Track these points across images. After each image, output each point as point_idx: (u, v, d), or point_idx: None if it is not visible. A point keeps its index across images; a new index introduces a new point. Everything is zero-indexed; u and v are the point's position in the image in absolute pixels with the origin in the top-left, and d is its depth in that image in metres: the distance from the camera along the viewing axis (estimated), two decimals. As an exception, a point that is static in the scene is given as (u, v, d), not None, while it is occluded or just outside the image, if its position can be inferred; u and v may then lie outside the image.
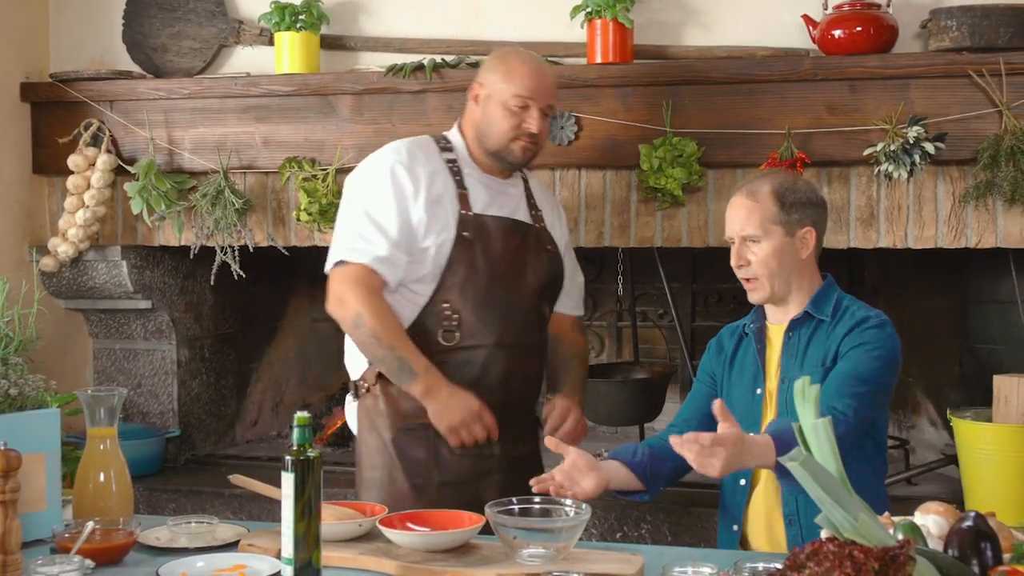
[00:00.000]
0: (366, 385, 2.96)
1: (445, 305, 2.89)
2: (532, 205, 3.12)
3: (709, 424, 2.75)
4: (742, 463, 2.36)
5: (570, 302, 3.28)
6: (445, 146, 3.04)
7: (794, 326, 2.68)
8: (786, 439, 2.27)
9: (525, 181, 3.17)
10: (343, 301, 2.87)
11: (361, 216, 2.91)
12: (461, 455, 2.88)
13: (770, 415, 2.67)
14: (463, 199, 2.95)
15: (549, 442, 2.65)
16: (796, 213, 2.66)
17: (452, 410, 2.82)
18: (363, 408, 2.98)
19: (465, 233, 2.90)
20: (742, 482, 2.69)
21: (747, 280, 2.70)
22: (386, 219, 2.88)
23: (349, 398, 3.06)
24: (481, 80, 3.04)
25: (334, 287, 2.91)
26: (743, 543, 2.71)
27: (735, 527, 2.69)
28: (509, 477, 2.92)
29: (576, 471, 2.57)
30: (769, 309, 2.76)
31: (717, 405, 2.41)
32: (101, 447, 2.53)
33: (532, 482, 2.54)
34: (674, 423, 2.87)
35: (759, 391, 2.70)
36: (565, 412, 3.03)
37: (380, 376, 2.91)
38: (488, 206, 2.99)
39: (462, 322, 2.89)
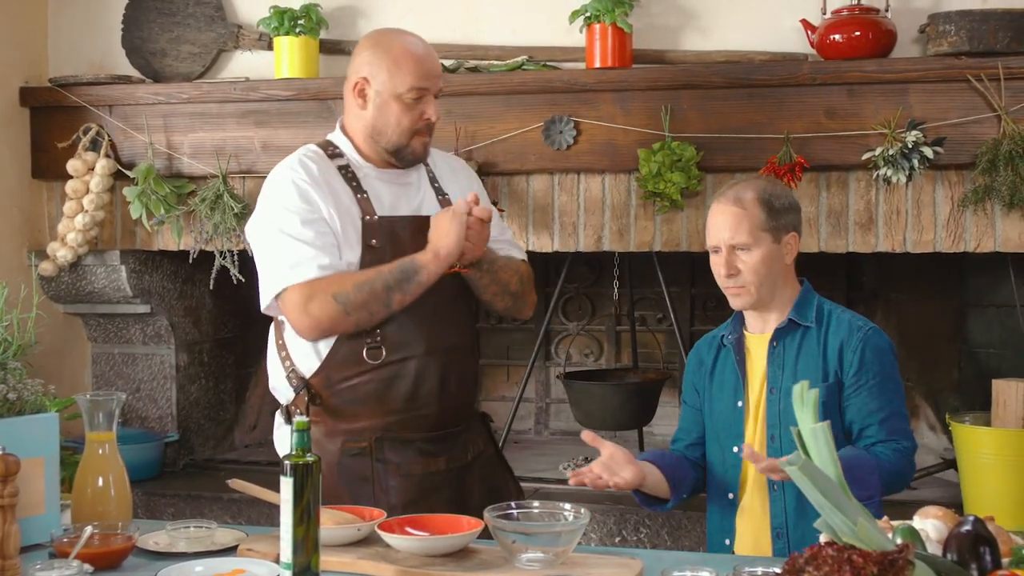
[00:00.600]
0: (298, 411, 2.73)
1: None
2: (438, 190, 2.87)
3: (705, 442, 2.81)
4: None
5: (505, 251, 3.02)
6: (333, 152, 2.79)
7: (779, 335, 2.65)
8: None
9: (428, 167, 2.90)
10: (311, 311, 2.63)
11: (281, 239, 2.67)
12: (406, 476, 2.69)
13: (752, 427, 2.65)
14: (365, 204, 2.72)
15: (585, 435, 2.59)
16: (782, 219, 2.64)
17: (442, 235, 2.65)
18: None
19: (373, 241, 2.69)
20: (730, 496, 2.69)
21: (733, 287, 2.67)
22: (308, 235, 2.65)
23: (278, 423, 2.86)
24: (366, 75, 2.74)
25: (294, 317, 2.67)
26: None
27: (727, 541, 2.68)
28: (461, 487, 2.79)
29: (614, 463, 2.56)
30: (748, 318, 2.73)
31: (747, 452, 2.46)
32: (100, 451, 2.53)
33: (570, 476, 2.54)
34: (674, 439, 2.86)
35: (740, 404, 2.68)
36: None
37: (314, 403, 2.71)
38: (393, 207, 2.76)
39: (385, 336, 2.69)
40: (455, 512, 2.43)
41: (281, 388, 2.80)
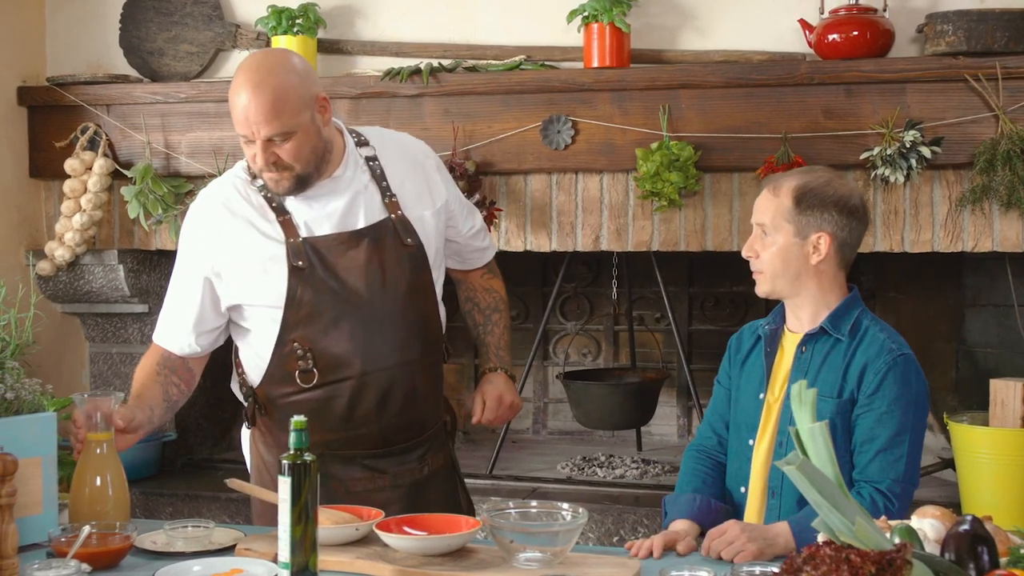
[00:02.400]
0: (249, 418, 2.78)
1: (295, 344, 2.61)
2: (384, 190, 2.70)
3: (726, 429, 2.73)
4: (759, 539, 2.32)
5: (473, 257, 2.97)
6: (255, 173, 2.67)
7: (808, 340, 2.56)
8: (805, 527, 2.25)
9: (371, 160, 2.72)
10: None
11: (167, 303, 2.80)
12: (351, 492, 2.64)
13: (769, 424, 2.61)
14: (287, 226, 2.61)
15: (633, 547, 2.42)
16: (811, 216, 2.51)
17: None
18: (252, 439, 2.81)
19: (299, 263, 2.59)
20: (742, 489, 2.65)
21: (753, 270, 2.62)
22: (183, 302, 2.74)
23: (245, 426, 2.86)
24: None
25: None
26: None
27: None
28: (411, 503, 2.69)
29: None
30: (790, 313, 2.63)
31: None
32: (98, 451, 2.52)
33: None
34: (699, 432, 2.80)
35: (761, 396, 2.61)
36: (492, 400, 2.84)
37: (261, 413, 2.73)
38: (318, 224, 2.64)
39: (318, 358, 2.61)
40: None
41: (238, 394, 2.85)
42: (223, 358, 4.76)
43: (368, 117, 3.92)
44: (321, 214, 2.64)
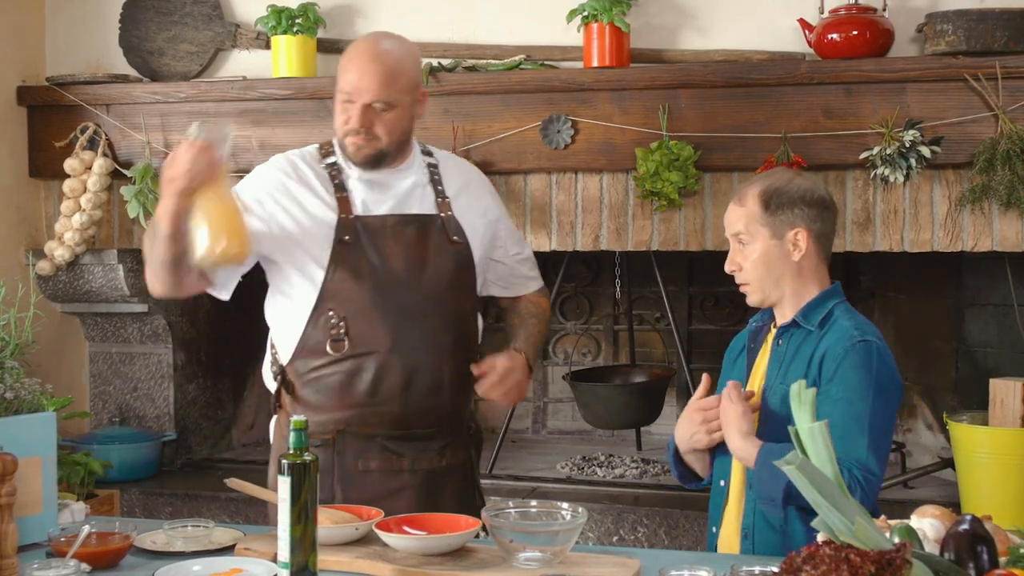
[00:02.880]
0: (276, 402, 2.83)
1: (330, 313, 2.70)
2: (439, 192, 2.85)
3: None
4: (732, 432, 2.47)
5: (519, 283, 3.03)
6: (327, 151, 2.84)
7: (782, 333, 2.59)
8: (772, 449, 2.33)
9: (433, 167, 2.88)
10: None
11: None
12: (366, 471, 2.71)
13: None
14: (343, 203, 2.75)
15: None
16: (783, 214, 2.54)
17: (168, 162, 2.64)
18: (278, 424, 2.86)
19: (345, 237, 2.71)
20: (721, 483, 2.67)
21: (739, 284, 2.65)
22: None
23: (275, 417, 2.91)
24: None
25: None
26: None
27: (714, 529, 2.67)
28: (425, 493, 2.75)
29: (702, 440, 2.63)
30: (776, 311, 2.64)
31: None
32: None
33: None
34: None
35: (743, 390, 2.64)
36: (502, 368, 2.81)
37: (287, 391, 2.77)
38: (374, 205, 2.77)
39: (349, 329, 2.70)
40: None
41: (268, 377, 2.87)
42: (221, 357, 4.78)
43: (368, 117, 3.92)
44: (379, 198, 2.78)
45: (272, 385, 2.84)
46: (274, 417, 2.89)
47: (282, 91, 3.99)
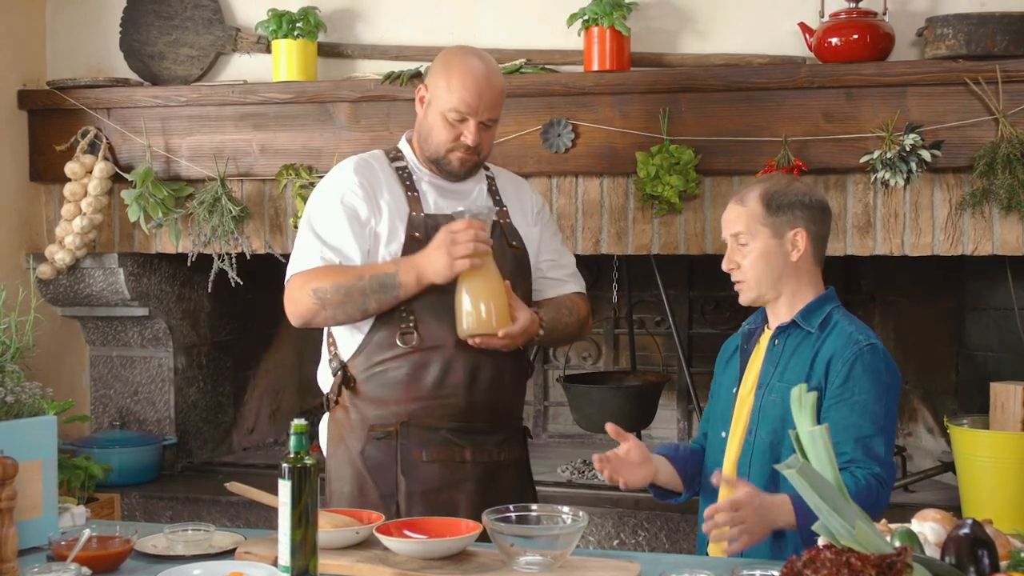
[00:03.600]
0: (335, 398, 2.90)
1: (401, 306, 2.80)
2: (497, 202, 3.01)
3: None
4: (770, 522, 2.37)
5: (551, 286, 3.10)
6: (395, 156, 2.98)
7: (780, 334, 2.64)
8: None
9: (491, 179, 3.06)
10: (295, 299, 2.83)
11: (305, 233, 2.88)
12: (429, 462, 2.80)
13: (741, 417, 2.66)
14: (414, 202, 2.88)
15: (609, 428, 2.65)
16: (784, 215, 2.61)
17: (431, 254, 2.74)
18: (333, 421, 2.92)
19: (416, 234, 2.83)
20: (714, 481, 2.69)
21: (735, 282, 2.69)
22: (337, 237, 2.84)
23: (326, 416, 2.99)
24: (427, 84, 2.94)
25: (286, 307, 2.89)
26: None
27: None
28: (484, 485, 2.84)
29: (628, 461, 2.64)
30: (770, 313, 2.71)
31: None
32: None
33: (595, 459, 2.63)
34: (702, 423, 2.91)
35: (734, 391, 2.70)
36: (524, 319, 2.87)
37: (348, 387, 2.87)
38: (442, 206, 2.91)
39: (418, 324, 2.81)
40: (479, 508, 2.42)
41: (324, 375, 2.96)
42: (222, 361, 4.78)
43: (368, 121, 3.92)
44: (448, 203, 2.90)
45: (329, 382, 2.92)
46: (326, 415, 2.96)
47: (283, 95, 4.00)
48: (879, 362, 2.54)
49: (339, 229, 2.84)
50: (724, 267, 2.69)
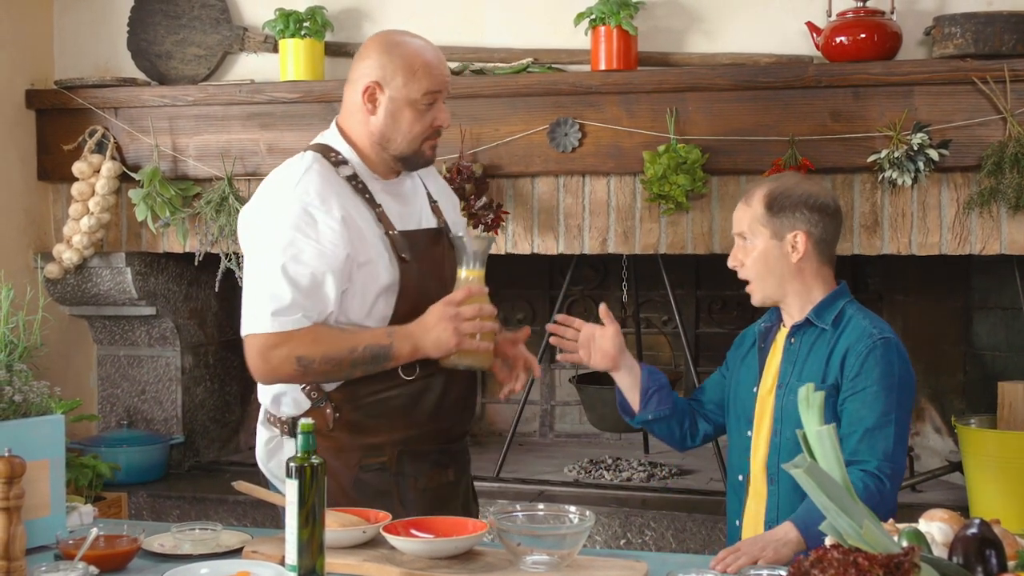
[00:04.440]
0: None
1: None
2: (429, 195, 2.81)
3: (714, 408, 2.87)
4: (774, 542, 2.39)
5: None
6: (337, 160, 2.65)
7: (795, 332, 2.67)
8: (810, 523, 2.29)
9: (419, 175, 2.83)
10: (274, 366, 2.52)
11: (276, 276, 2.51)
12: (424, 489, 2.65)
13: (764, 416, 2.66)
14: (383, 218, 2.62)
15: (602, 308, 2.70)
16: (784, 217, 2.62)
17: (432, 328, 2.53)
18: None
19: (404, 255, 2.59)
20: (740, 478, 2.71)
21: (743, 280, 2.71)
22: (316, 282, 2.52)
23: (266, 438, 2.72)
24: (378, 80, 2.62)
25: (252, 360, 2.55)
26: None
27: (737, 522, 2.72)
28: (464, 500, 2.78)
29: (602, 342, 2.74)
30: (784, 312, 2.72)
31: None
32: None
33: (556, 319, 2.71)
34: (695, 395, 2.95)
35: (754, 390, 2.71)
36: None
37: (335, 412, 2.61)
38: (404, 219, 2.67)
39: None
40: None
41: (288, 400, 2.65)
42: (229, 360, 4.79)
43: (375, 120, 3.92)
44: (406, 211, 2.70)
45: (296, 407, 2.65)
46: (293, 441, 2.62)
47: (290, 94, 4.00)
48: (891, 355, 2.56)
49: (318, 272, 2.51)
50: (729, 264, 2.73)
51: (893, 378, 2.54)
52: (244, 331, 2.56)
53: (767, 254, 2.64)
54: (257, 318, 2.53)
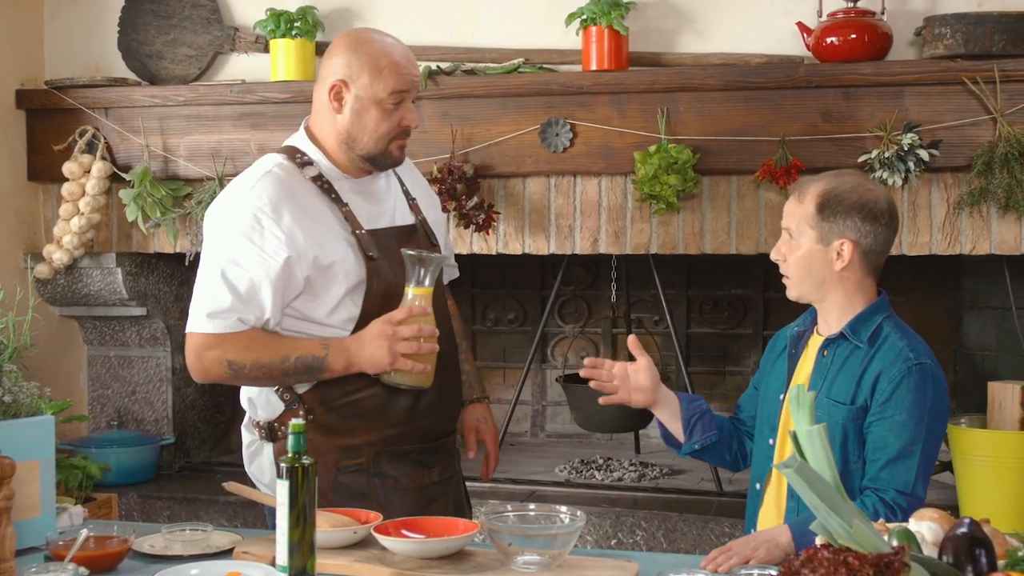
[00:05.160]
0: (282, 428, 2.61)
1: None
2: (406, 193, 2.78)
3: (749, 417, 2.79)
4: (765, 541, 2.38)
5: (452, 273, 3.01)
6: (303, 161, 2.64)
7: (829, 345, 2.57)
8: (803, 526, 2.27)
9: (396, 172, 2.81)
10: (205, 366, 2.55)
11: (215, 279, 2.53)
12: (404, 490, 2.63)
13: (785, 427, 2.61)
14: (349, 217, 2.60)
15: (631, 340, 2.66)
16: (834, 223, 2.51)
17: (367, 344, 2.51)
18: (282, 452, 2.52)
19: (371, 254, 2.57)
20: (757, 486, 2.67)
21: (783, 276, 2.62)
22: (253, 288, 2.52)
23: (250, 441, 2.72)
24: (344, 78, 2.59)
25: (188, 358, 2.58)
26: None
27: (752, 531, 2.68)
28: (452, 498, 2.76)
29: (637, 378, 2.66)
30: (820, 317, 2.63)
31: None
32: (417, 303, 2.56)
33: (586, 362, 2.63)
34: (735, 413, 2.87)
35: (781, 397, 2.63)
36: (494, 445, 2.95)
37: (309, 418, 2.58)
38: (373, 218, 2.65)
39: None
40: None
41: (261, 403, 2.66)
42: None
43: (366, 120, 3.92)
44: (376, 210, 2.68)
45: (272, 410, 2.65)
46: (270, 445, 2.67)
47: (281, 95, 3.99)
48: (926, 383, 2.47)
49: (257, 278, 2.51)
50: (772, 256, 2.62)
51: (924, 407, 2.45)
52: (187, 329, 2.60)
53: (810, 257, 2.53)
54: (195, 318, 2.56)
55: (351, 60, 2.60)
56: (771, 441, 2.63)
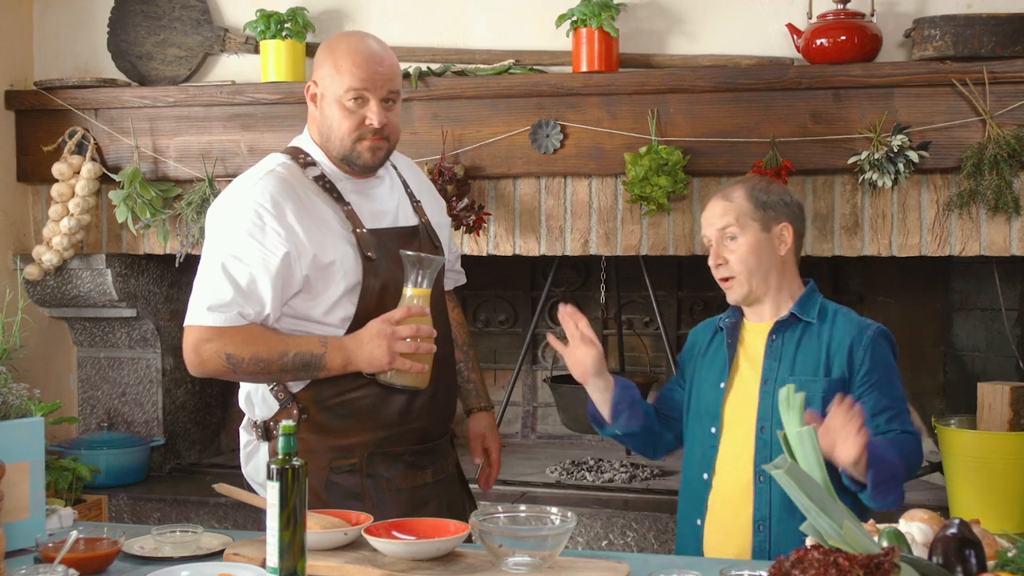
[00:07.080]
0: (276, 426, 2.61)
1: None
2: (411, 195, 2.81)
3: (676, 416, 2.85)
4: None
5: (451, 278, 3.03)
6: (305, 161, 2.67)
7: (779, 329, 2.67)
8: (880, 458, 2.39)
9: (394, 166, 2.83)
10: (204, 359, 2.55)
11: (216, 272, 2.55)
12: (397, 491, 2.64)
13: (738, 412, 2.65)
14: (352, 217, 2.62)
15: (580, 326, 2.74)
16: (771, 210, 2.68)
17: (366, 344, 2.52)
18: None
19: (369, 254, 2.59)
20: (704, 476, 2.69)
21: (725, 280, 2.70)
22: (254, 283, 2.54)
23: (247, 441, 2.74)
24: (315, 77, 2.68)
25: (186, 351, 2.59)
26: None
27: (699, 521, 2.69)
28: (446, 500, 2.76)
29: (582, 356, 2.76)
30: (746, 309, 2.74)
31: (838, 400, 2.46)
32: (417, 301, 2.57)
33: (568, 308, 2.76)
34: (656, 405, 2.92)
35: (721, 385, 2.70)
36: (497, 453, 3.03)
37: (302, 417, 2.60)
38: (376, 217, 2.67)
39: None
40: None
41: (258, 402, 2.68)
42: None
43: (357, 121, 3.91)
44: (378, 209, 2.70)
45: (267, 410, 2.67)
46: (255, 443, 2.71)
47: (271, 95, 3.99)
48: (890, 340, 2.67)
49: (257, 273, 2.53)
50: (711, 263, 2.71)
51: (895, 365, 2.65)
52: (185, 322, 2.60)
53: (758, 247, 2.66)
54: (195, 311, 2.57)
55: (322, 60, 2.67)
56: (713, 430, 2.69)
